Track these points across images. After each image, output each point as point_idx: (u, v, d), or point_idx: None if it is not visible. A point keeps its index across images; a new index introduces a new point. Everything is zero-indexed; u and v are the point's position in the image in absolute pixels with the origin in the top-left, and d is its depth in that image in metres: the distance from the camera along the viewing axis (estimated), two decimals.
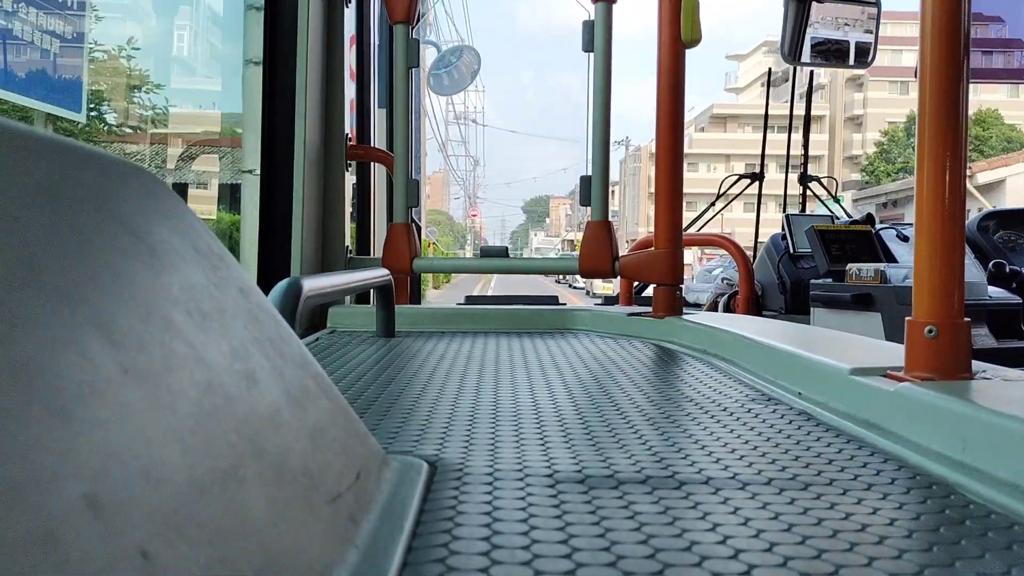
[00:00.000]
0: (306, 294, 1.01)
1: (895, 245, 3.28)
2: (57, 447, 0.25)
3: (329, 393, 0.51)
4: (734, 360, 1.17)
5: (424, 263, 1.94)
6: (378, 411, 0.83)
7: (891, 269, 2.63)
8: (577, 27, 1.81)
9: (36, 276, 0.30)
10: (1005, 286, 2.89)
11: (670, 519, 0.50)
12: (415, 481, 0.56)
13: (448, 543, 0.45)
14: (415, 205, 1.95)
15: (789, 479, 0.60)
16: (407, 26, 1.90)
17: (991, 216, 3.60)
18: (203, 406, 0.34)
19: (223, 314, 0.42)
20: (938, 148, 0.73)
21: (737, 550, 0.45)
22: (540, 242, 53.64)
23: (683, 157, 1.69)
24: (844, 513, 0.52)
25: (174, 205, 0.46)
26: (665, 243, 1.66)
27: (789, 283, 3.31)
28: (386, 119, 2.74)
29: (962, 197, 0.74)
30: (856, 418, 0.77)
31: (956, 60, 0.73)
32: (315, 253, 1.98)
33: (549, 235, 69.07)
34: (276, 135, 2.00)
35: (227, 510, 0.31)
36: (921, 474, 0.62)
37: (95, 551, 0.24)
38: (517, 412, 0.83)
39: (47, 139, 0.38)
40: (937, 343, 0.73)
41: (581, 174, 1.85)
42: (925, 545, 0.46)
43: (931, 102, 0.74)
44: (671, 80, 1.63)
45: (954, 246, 0.73)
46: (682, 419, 0.80)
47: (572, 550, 0.44)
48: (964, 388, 0.69)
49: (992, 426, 0.59)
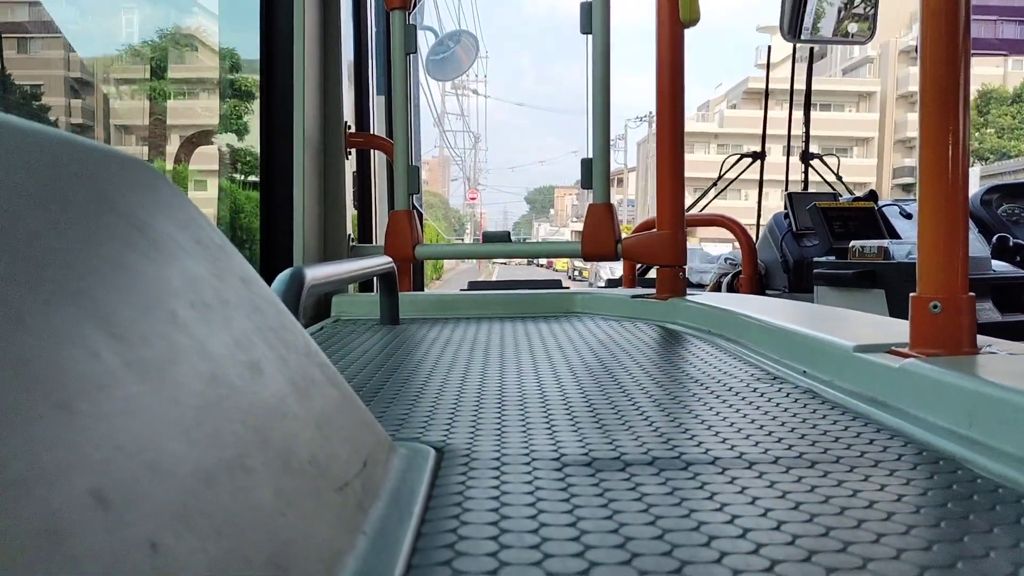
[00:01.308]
0: (309, 283, 1.01)
1: (898, 221, 3.27)
2: (62, 442, 0.25)
3: (334, 381, 0.51)
4: (739, 340, 1.17)
5: (426, 250, 1.94)
6: (384, 398, 0.83)
7: (894, 245, 2.62)
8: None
9: (38, 271, 0.30)
10: (1009, 260, 2.89)
11: (678, 500, 0.50)
12: (422, 467, 0.56)
13: (456, 528, 0.45)
14: (416, 192, 1.95)
15: (796, 457, 0.60)
16: (404, 12, 1.89)
17: (994, 190, 3.58)
18: (208, 397, 0.34)
19: (226, 305, 0.42)
20: (941, 123, 0.73)
21: (745, 529, 0.45)
22: (547, 232, 50.33)
23: (684, 138, 1.68)
24: (851, 490, 0.52)
25: (174, 197, 0.46)
26: (667, 224, 1.65)
27: (792, 262, 3.30)
28: (385, 106, 2.73)
29: (965, 172, 0.73)
30: (862, 395, 0.77)
31: (956, 35, 0.73)
32: (317, 242, 1.98)
33: (554, 225, 66.33)
34: (275, 124, 1.99)
35: (235, 501, 0.32)
36: (928, 450, 0.62)
37: (103, 544, 0.24)
38: (523, 396, 0.83)
39: (47, 134, 0.38)
40: (941, 318, 0.73)
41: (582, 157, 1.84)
42: (933, 520, 0.46)
43: (933, 77, 0.73)
44: (671, 60, 1.62)
45: (957, 221, 0.73)
46: (688, 400, 0.80)
47: (580, 533, 0.44)
48: (969, 363, 0.69)
49: (998, 400, 0.59)
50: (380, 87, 2.72)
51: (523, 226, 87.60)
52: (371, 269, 1.42)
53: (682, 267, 1.66)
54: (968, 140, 0.74)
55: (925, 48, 0.74)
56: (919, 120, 0.75)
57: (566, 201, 68.16)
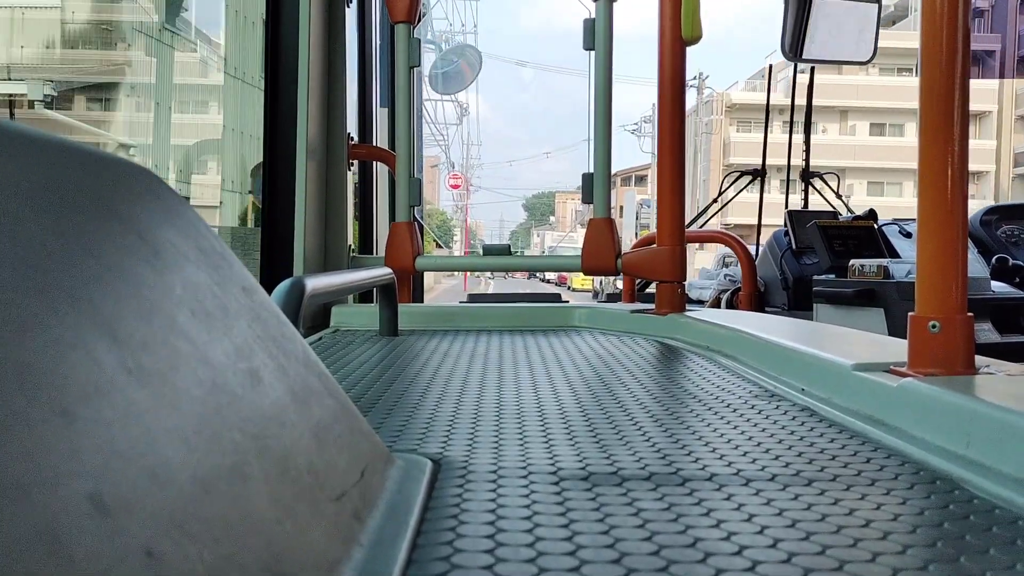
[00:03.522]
0: (309, 293, 1.01)
1: (898, 241, 3.28)
2: (62, 447, 0.25)
3: (333, 391, 0.51)
4: (737, 357, 1.17)
5: (427, 261, 1.94)
6: (382, 409, 0.83)
7: (894, 265, 2.62)
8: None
9: (40, 277, 0.30)
10: (1008, 281, 2.89)
11: (674, 516, 0.50)
12: (419, 479, 0.56)
13: (452, 540, 0.45)
14: (417, 204, 1.96)
15: (793, 475, 0.60)
16: (408, 25, 1.90)
17: (994, 211, 3.59)
18: (207, 405, 0.34)
19: (226, 313, 0.42)
20: (940, 142, 0.73)
21: (741, 546, 0.45)
22: (554, 240, 44.12)
23: (684, 154, 1.69)
24: (848, 509, 0.52)
25: (176, 205, 0.46)
26: (667, 240, 1.66)
27: (792, 279, 3.31)
28: (388, 118, 2.74)
29: (964, 192, 0.74)
30: (860, 414, 0.77)
31: (956, 55, 0.73)
32: (318, 252, 1.98)
33: (560, 231, 63.08)
34: (278, 135, 2.00)
35: (232, 508, 0.32)
36: (925, 469, 0.62)
37: (100, 550, 0.24)
38: (521, 410, 0.83)
39: (49, 140, 0.38)
40: (940, 338, 0.73)
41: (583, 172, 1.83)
42: (929, 540, 0.46)
43: (933, 96, 0.74)
44: (672, 78, 1.63)
45: (957, 241, 0.73)
46: (686, 416, 0.80)
47: (576, 547, 0.44)
48: (968, 383, 0.69)
49: (996, 421, 0.59)
50: (383, 99, 2.74)
51: (521, 235, 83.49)
52: (371, 280, 1.42)
53: (681, 283, 1.67)
54: (967, 161, 0.74)
55: (925, 67, 0.74)
56: (918, 140, 0.75)
57: (568, 207, 66.45)
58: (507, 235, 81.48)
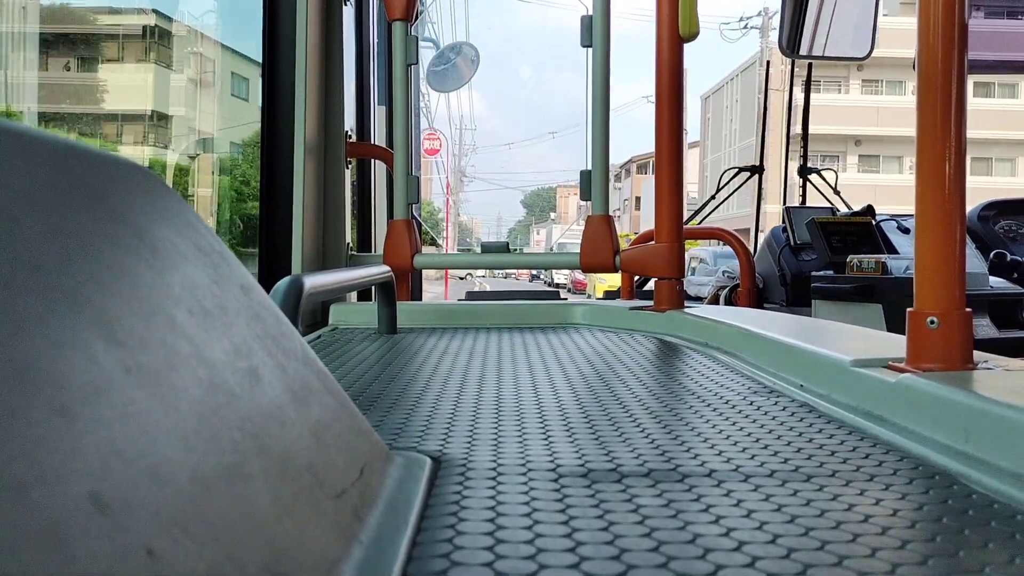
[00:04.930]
0: (307, 291, 1.01)
1: (896, 236, 3.28)
2: (62, 446, 0.25)
3: (332, 390, 0.51)
4: (736, 353, 1.17)
5: (425, 259, 1.94)
6: (381, 407, 0.83)
7: (892, 260, 2.63)
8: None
9: (39, 277, 0.30)
10: (1006, 276, 2.89)
11: (673, 512, 0.50)
12: (419, 476, 0.56)
13: (452, 538, 0.45)
14: (415, 201, 1.96)
15: (792, 471, 0.60)
16: (406, 23, 1.90)
17: (992, 206, 3.59)
18: (206, 404, 0.34)
19: (225, 312, 0.42)
20: (938, 139, 0.73)
21: (740, 542, 0.45)
22: (559, 234, 40.25)
23: (682, 151, 1.69)
24: (847, 504, 0.52)
25: (174, 203, 0.46)
26: (666, 236, 1.66)
27: (790, 275, 3.31)
28: (385, 116, 2.73)
29: (962, 188, 0.74)
30: (858, 409, 0.77)
31: (953, 51, 0.73)
32: (316, 250, 1.98)
33: (563, 224, 60.94)
34: (276, 133, 2.00)
35: (232, 507, 0.32)
36: (924, 465, 0.62)
37: (100, 549, 0.24)
38: (520, 407, 0.83)
39: (47, 139, 0.38)
40: (938, 334, 0.73)
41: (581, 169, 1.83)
42: (928, 535, 0.47)
43: (930, 92, 0.74)
44: (671, 74, 1.63)
45: (955, 236, 0.73)
46: (684, 412, 0.80)
47: (576, 544, 0.44)
48: (966, 378, 0.69)
49: (994, 416, 0.59)
50: (381, 97, 2.73)
51: (520, 232, 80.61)
52: (370, 278, 1.42)
53: (680, 280, 1.67)
54: (965, 157, 0.74)
55: (922, 63, 0.74)
56: (916, 136, 0.76)
57: (570, 201, 65.13)
58: (506, 231, 79.61)
